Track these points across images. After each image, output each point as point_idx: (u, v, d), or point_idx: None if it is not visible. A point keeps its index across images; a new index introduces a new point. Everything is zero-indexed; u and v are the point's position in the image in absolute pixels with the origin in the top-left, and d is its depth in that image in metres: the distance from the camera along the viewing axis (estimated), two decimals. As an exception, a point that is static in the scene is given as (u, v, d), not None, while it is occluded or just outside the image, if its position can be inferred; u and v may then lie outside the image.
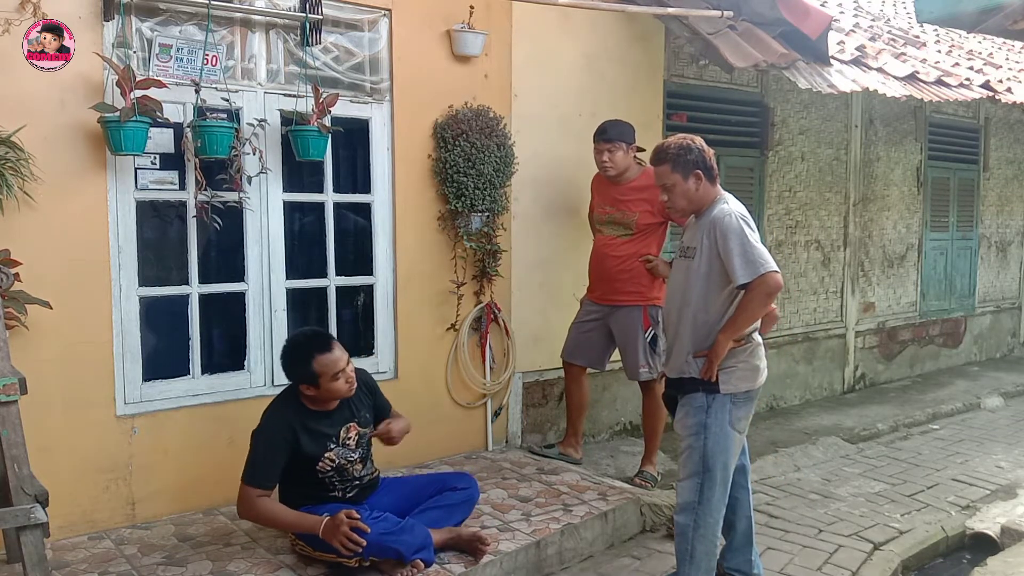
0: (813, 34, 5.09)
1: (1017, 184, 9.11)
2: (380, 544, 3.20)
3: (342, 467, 3.43)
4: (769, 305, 3.25)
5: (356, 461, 3.48)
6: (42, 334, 3.47)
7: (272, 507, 3.31)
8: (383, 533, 3.22)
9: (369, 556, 3.22)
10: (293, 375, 3.37)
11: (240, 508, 3.31)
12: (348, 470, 3.45)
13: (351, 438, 3.46)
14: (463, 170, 4.53)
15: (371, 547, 3.19)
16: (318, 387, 3.31)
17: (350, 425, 3.46)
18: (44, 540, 2.89)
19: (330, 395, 3.35)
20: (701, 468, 3.24)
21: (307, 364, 3.28)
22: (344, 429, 3.44)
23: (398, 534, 3.27)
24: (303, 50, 4.13)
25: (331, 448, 3.40)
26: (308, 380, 3.30)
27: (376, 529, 3.21)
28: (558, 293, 5.16)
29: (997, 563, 3.86)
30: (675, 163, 3.27)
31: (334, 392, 3.34)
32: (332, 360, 3.30)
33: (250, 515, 3.31)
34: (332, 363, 3.29)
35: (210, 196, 3.85)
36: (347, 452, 3.44)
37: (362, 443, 3.52)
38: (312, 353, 3.28)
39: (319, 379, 3.29)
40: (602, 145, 4.58)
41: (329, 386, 3.31)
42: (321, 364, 3.28)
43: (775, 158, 6.53)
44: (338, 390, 3.34)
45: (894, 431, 6.25)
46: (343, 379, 3.33)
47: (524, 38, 4.88)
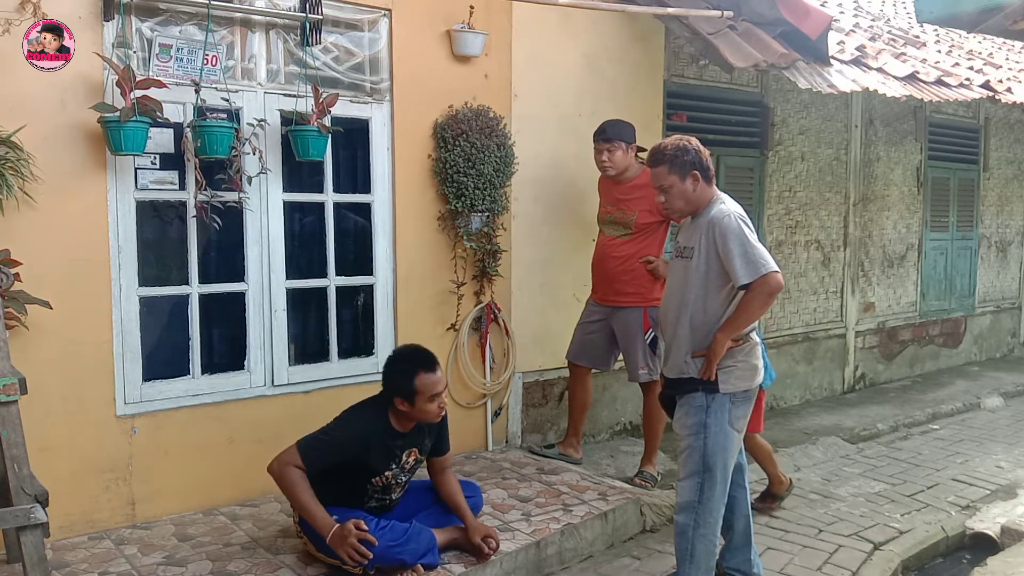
0: (813, 34, 5.09)
1: (1017, 184, 9.11)
2: (385, 556, 3.21)
3: (388, 486, 3.44)
4: (770, 305, 3.25)
5: (401, 485, 3.50)
6: (42, 334, 3.47)
7: (300, 483, 3.22)
8: (389, 545, 3.22)
9: (374, 566, 3.22)
10: (392, 386, 3.34)
11: (274, 464, 3.26)
12: (391, 490, 3.46)
13: (409, 462, 3.46)
14: (463, 170, 4.53)
15: (376, 558, 3.19)
16: (412, 405, 3.29)
17: (413, 449, 3.46)
18: (44, 540, 2.89)
19: (420, 416, 3.33)
20: (701, 467, 3.24)
21: (410, 379, 3.26)
22: (407, 453, 3.44)
23: (404, 544, 3.27)
24: (303, 50, 4.13)
25: (392, 468, 3.40)
26: (405, 395, 3.28)
27: (383, 541, 3.20)
28: (558, 293, 5.16)
29: (997, 563, 3.86)
30: (672, 164, 3.27)
31: (425, 414, 3.32)
32: (433, 381, 3.28)
33: (278, 474, 3.26)
34: (433, 384, 3.28)
35: (210, 196, 3.85)
36: (401, 474, 3.45)
37: (415, 468, 3.53)
38: (417, 370, 3.28)
39: (416, 397, 3.27)
40: (601, 144, 4.59)
41: (423, 407, 3.29)
42: (423, 383, 3.26)
43: (775, 158, 6.53)
44: (429, 412, 3.32)
45: (894, 431, 6.25)
46: (437, 403, 3.31)
47: (524, 38, 4.88)
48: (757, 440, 4.41)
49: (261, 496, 4.09)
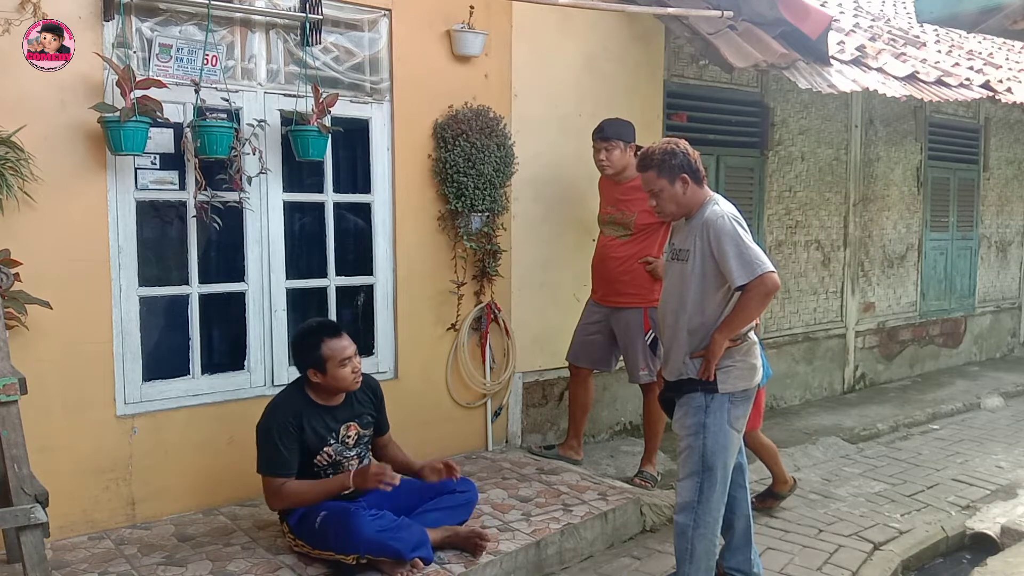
0: (813, 34, 5.09)
1: (1017, 184, 9.11)
2: (377, 541, 3.22)
3: (338, 463, 3.47)
4: (767, 305, 3.25)
5: (352, 459, 3.51)
6: (42, 334, 3.48)
7: (298, 488, 3.37)
8: (380, 530, 3.24)
9: (366, 554, 3.24)
10: (302, 359, 3.43)
11: (269, 500, 3.39)
12: (343, 466, 3.48)
13: (351, 436, 3.50)
14: (463, 170, 4.53)
15: (368, 544, 3.21)
16: (325, 373, 3.36)
17: (351, 424, 3.51)
18: (44, 540, 2.90)
19: (336, 383, 3.39)
20: (700, 467, 3.24)
21: (316, 348, 3.35)
22: (345, 427, 3.49)
23: (395, 531, 3.28)
24: (303, 50, 4.13)
25: (330, 443, 3.44)
26: (316, 365, 3.36)
27: (373, 527, 3.23)
28: (558, 293, 5.16)
29: (997, 563, 3.85)
30: (660, 168, 3.27)
31: (340, 380, 3.38)
32: (341, 346, 3.37)
33: (280, 504, 3.38)
34: (340, 349, 3.36)
35: (210, 196, 3.85)
36: (344, 449, 3.48)
37: (360, 443, 3.55)
38: (322, 337, 3.37)
39: (326, 363, 3.34)
40: (599, 144, 4.59)
41: (336, 372, 3.36)
42: (330, 348, 3.34)
43: (775, 158, 6.53)
44: (344, 378, 3.38)
45: (894, 431, 6.25)
46: (350, 368, 3.38)
47: (524, 38, 4.88)
48: (761, 439, 4.42)
49: (261, 496, 4.06)
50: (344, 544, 3.24)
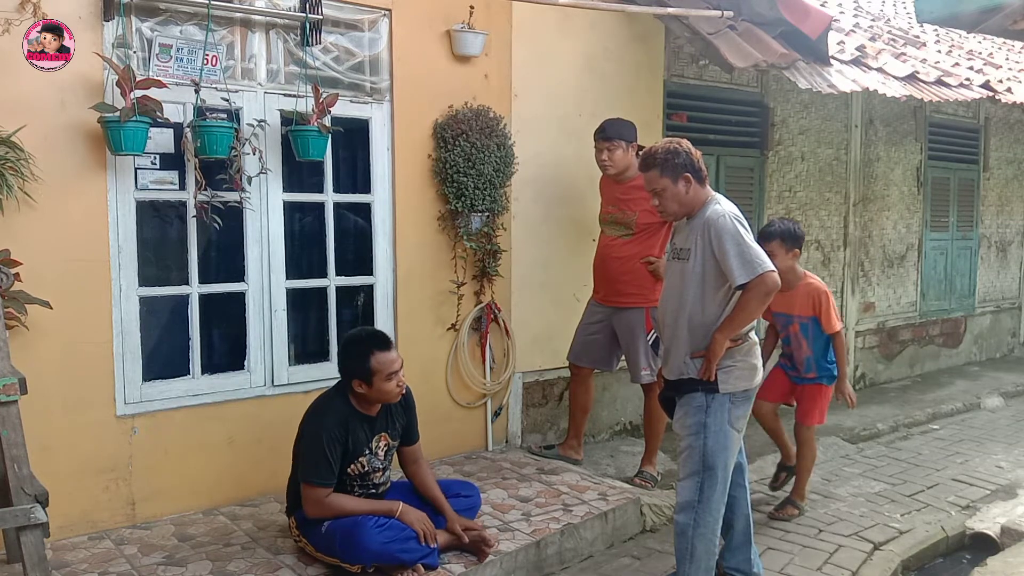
0: (813, 34, 5.09)
1: (1017, 184, 9.11)
2: (383, 554, 3.22)
3: (366, 474, 3.45)
4: (767, 304, 3.25)
5: (380, 470, 3.50)
6: (42, 334, 3.47)
7: (342, 502, 3.33)
8: (387, 542, 3.23)
9: (372, 563, 3.24)
10: (349, 369, 3.38)
11: (310, 509, 3.33)
12: (370, 477, 3.47)
13: (381, 447, 3.48)
14: (463, 170, 4.53)
15: (375, 556, 3.22)
16: (371, 385, 3.32)
17: (383, 434, 3.48)
18: (44, 540, 2.89)
19: (380, 396, 3.36)
20: (701, 467, 3.24)
21: (365, 359, 3.30)
22: (378, 437, 3.46)
23: (402, 542, 3.27)
24: (303, 50, 4.13)
25: (365, 454, 3.42)
26: (362, 376, 3.32)
27: (380, 538, 3.22)
28: (558, 293, 5.16)
29: (997, 563, 3.85)
30: (663, 168, 3.27)
31: (384, 393, 3.35)
32: (389, 360, 3.33)
33: (319, 513, 3.33)
34: (389, 363, 3.32)
35: (210, 196, 3.85)
36: (375, 460, 3.46)
37: (389, 455, 3.54)
38: (372, 349, 3.32)
39: (373, 377, 3.30)
40: (601, 143, 4.58)
41: (381, 386, 3.32)
42: (379, 361, 3.30)
43: (775, 158, 6.53)
44: (388, 392, 3.35)
45: (894, 431, 6.25)
46: (395, 382, 3.34)
47: (524, 38, 4.88)
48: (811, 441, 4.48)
49: (261, 496, 4.09)
50: (350, 555, 3.24)
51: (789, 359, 4.50)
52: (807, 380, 4.41)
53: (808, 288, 4.33)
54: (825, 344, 4.33)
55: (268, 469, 4.09)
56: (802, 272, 4.39)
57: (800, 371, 4.44)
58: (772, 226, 4.31)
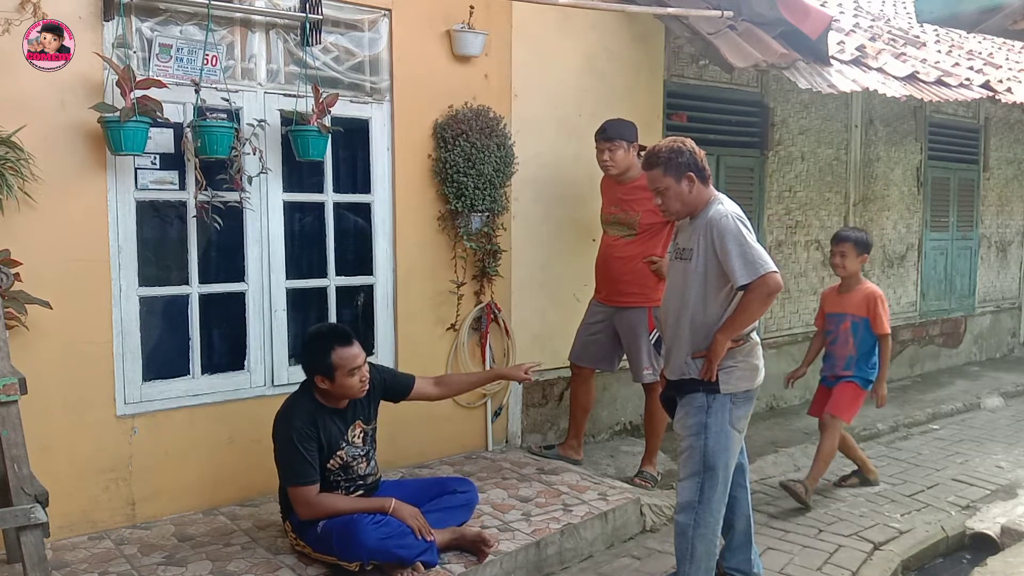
0: (813, 34, 5.09)
1: (1017, 184, 9.11)
2: (380, 550, 3.22)
3: (348, 465, 3.45)
4: (769, 305, 3.25)
5: (361, 459, 3.50)
6: (42, 334, 3.47)
7: (333, 501, 3.34)
8: (384, 538, 3.23)
9: (370, 560, 3.23)
10: (310, 365, 3.38)
11: (301, 511, 3.33)
12: (353, 468, 3.47)
13: (357, 435, 3.50)
14: (463, 170, 4.53)
15: (372, 553, 3.21)
16: (333, 381, 3.33)
17: (356, 422, 3.50)
18: (44, 540, 2.89)
19: (342, 391, 3.36)
20: (702, 467, 3.24)
21: (326, 355, 3.30)
22: (352, 427, 3.48)
23: (399, 538, 3.27)
24: (303, 50, 4.12)
25: (342, 447, 3.43)
26: (324, 372, 3.32)
27: (377, 535, 3.21)
28: (558, 293, 5.16)
29: (997, 563, 3.85)
30: (667, 166, 3.26)
31: (347, 388, 3.35)
32: (351, 355, 3.32)
33: (312, 514, 3.33)
34: (350, 358, 3.32)
35: (210, 196, 3.85)
36: (354, 450, 3.47)
37: (367, 440, 3.54)
38: (332, 345, 3.32)
39: (335, 372, 3.31)
40: (603, 144, 4.58)
41: (343, 381, 3.32)
42: (340, 357, 3.30)
43: (775, 158, 6.53)
44: (351, 387, 3.35)
45: (894, 431, 6.24)
46: (358, 377, 3.35)
47: (524, 38, 4.88)
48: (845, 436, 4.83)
49: (261, 496, 4.09)
50: (348, 552, 3.23)
51: (830, 363, 4.79)
52: (843, 378, 4.69)
53: (865, 291, 4.68)
54: (871, 347, 4.65)
55: (268, 469, 4.05)
56: (861, 277, 4.76)
57: (837, 368, 4.73)
58: (848, 231, 4.80)
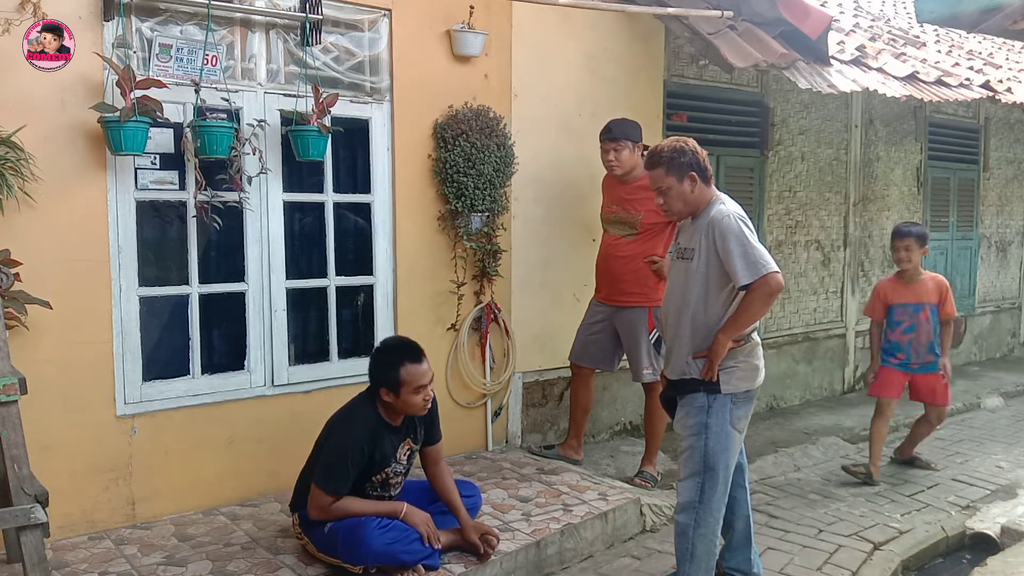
0: (813, 34, 5.09)
1: (1017, 184, 9.11)
2: (387, 554, 3.22)
3: (388, 481, 3.45)
4: (770, 305, 3.25)
5: (401, 476, 3.50)
6: (42, 334, 3.47)
7: (346, 505, 3.31)
8: (390, 543, 3.22)
9: (375, 564, 3.23)
10: (378, 376, 3.36)
11: (313, 512, 3.32)
12: (391, 484, 3.47)
13: (404, 454, 3.47)
14: (463, 170, 4.53)
15: (377, 557, 3.21)
16: (398, 396, 3.30)
17: (407, 441, 3.47)
18: (44, 540, 2.89)
19: (406, 407, 3.34)
20: (702, 468, 3.24)
21: (395, 369, 3.28)
22: (403, 445, 3.45)
23: (405, 543, 3.27)
24: (303, 50, 4.12)
25: (390, 464, 3.41)
26: (390, 385, 3.29)
27: (382, 540, 3.21)
28: (558, 293, 5.16)
29: (997, 563, 3.85)
30: (669, 166, 3.26)
31: (410, 405, 3.32)
32: (419, 372, 3.30)
33: (322, 516, 3.32)
34: (419, 375, 3.29)
35: (210, 196, 3.85)
36: (398, 467, 3.46)
37: (410, 460, 3.53)
38: (403, 360, 3.29)
39: (401, 388, 3.28)
40: (608, 144, 4.58)
41: (408, 398, 3.30)
42: (408, 373, 3.27)
43: (775, 158, 6.53)
44: (414, 404, 3.32)
45: (894, 431, 6.22)
46: (422, 396, 3.32)
47: (524, 38, 4.88)
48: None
49: (261, 496, 4.09)
50: (353, 556, 3.23)
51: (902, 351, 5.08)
52: (927, 366, 5.07)
53: (934, 279, 5.13)
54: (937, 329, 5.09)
55: (268, 469, 4.09)
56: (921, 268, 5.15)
57: (918, 357, 5.07)
58: (910, 226, 5.16)
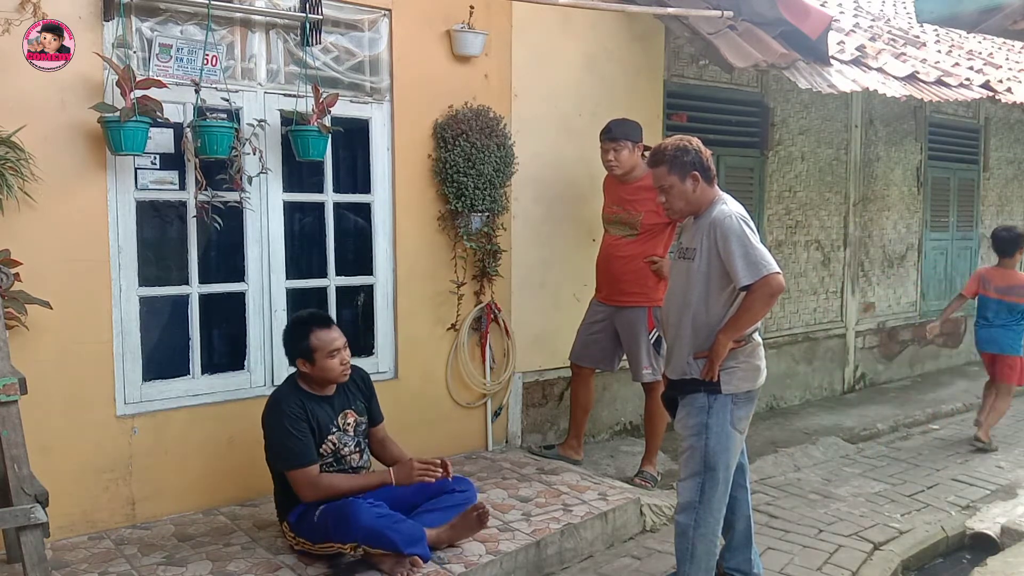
0: (813, 34, 5.09)
1: (1017, 184, 9.11)
2: (376, 528, 3.22)
3: (340, 454, 3.50)
4: (771, 306, 3.25)
5: (353, 449, 3.55)
6: (42, 334, 3.47)
7: (335, 481, 3.40)
8: (379, 517, 3.24)
9: (365, 542, 3.23)
10: (292, 349, 3.49)
11: (306, 493, 3.36)
12: (346, 458, 3.51)
13: (349, 424, 3.55)
14: (463, 170, 4.53)
15: (367, 531, 3.21)
16: (313, 363, 3.41)
17: (348, 411, 3.56)
18: (44, 540, 2.90)
19: (324, 374, 3.43)
20: (702, 468, 3.24)
21: (305, 338, 3.41)
22: (342, 415, 3.54)
23: (392, 520, 3.28)
24: (303, 50, 4.12)
25: (332, 432, 3.48)
26: (304, 355, 3.42)
27: (372, 513, 3.23)
28: (558, 293, 5.16)
29: (997, 563, 3.85)
30: (672, 164, 3.27)
31: (328, 370, 3.43)
32: (330, 337, 3.43)
33: (316, 495, 3.36)
34: (329, 340, 3.42)
35: (210, 196, 3.85)
36: (346, 438, 3.53)
37: (359, 431, 3.60)
38: (311, 327, 3.43)
39: (315, 354, 3.40)
40: (607, 144, 4.58)
41: (324, 363, 3.41)
42: (319, 338, 3.40)
43: (775, 158, 6.53)
44: (332, 369, 3.43)
45: (894, 431, 6.25)
46: (338, 359, 3.43)
47: (524, 38, 4.88)
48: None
49: (261, 496, 4.08)
50: (344, 532, 3.24)
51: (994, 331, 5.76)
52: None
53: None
54: None
55: (268, 469, 4.08)
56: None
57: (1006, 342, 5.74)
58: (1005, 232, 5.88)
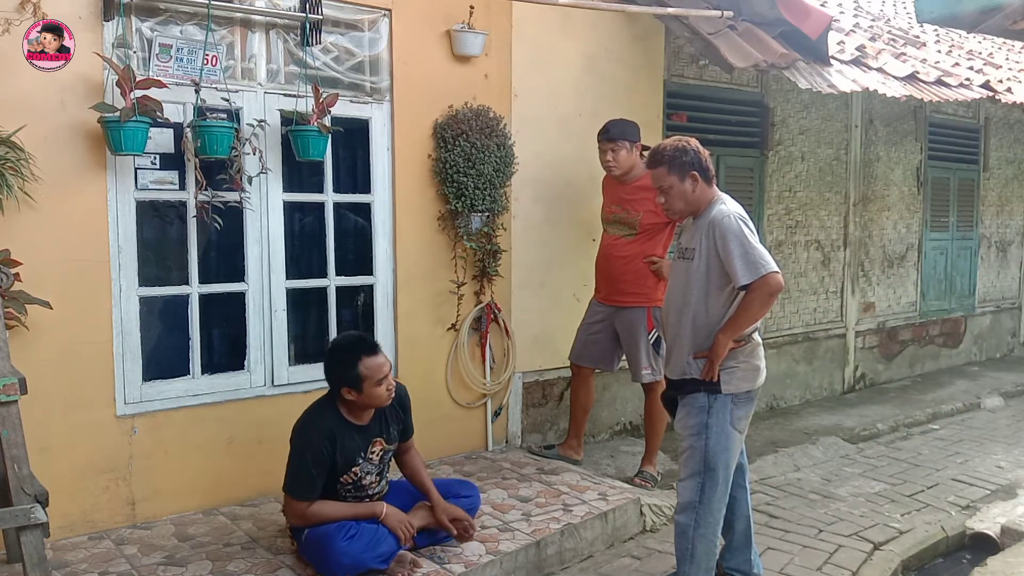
0: (813, 34, 5.09)
1: (1017, 184, 9.11)
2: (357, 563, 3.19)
3: (361, 483, 3.42)
4: (770, 305, 3.25)
5: (374, 476, 3.47)
6: (42, 334, 3.47)
7: (323, 509, 3.30)
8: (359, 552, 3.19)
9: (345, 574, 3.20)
10: (337, 377, 3.31)
11: (290, 519, 3.34)
12: (365, 485, 3.44)
13: (375, 453, 3.44)
14: (463, 170, 4.53)
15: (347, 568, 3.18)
16: (360, 392, 3.27)
17: (378, 440, 3.44)
18: (44, 540, 2.89)
19: (370, 402, 3.31)
20: (702, 468, 3.24)
21: (353, 366, 3.24)
22: (372, 444, 3.42)
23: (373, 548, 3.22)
24: (303, 50, 4.13)
25: (358, 463, 3.38)
26: (351, 383, 3.26)
27: (351, 549, 3.18)
28: (558, 293, 5.16)
29: (997, 563, 3.86)
30: (671, 165, 3.27)
31: (375, 398, 3.30)
32: (378, 364, 3.27)
33: (300, 523, 3.32)
34: (378, 367, 3.27)
35: (210, 196, 3.85)
36: (369, 466, 3.43)
37: (384, 460, 3.50)
38: (360, 355, 3.26)
39: (363, 383, 3.25)
40: (605, 144, 4.58)
41: (372, 391, 3.27)
42: (367, 367, 3.25)
43: (775, 158, 6.53)
44: (379, 396, 3.30)
45: (894, 431, 6.25)
46: (385, 386, 3.30)
47: (524, 38, 4.88)
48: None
49: (261, 496, 4.09)
50: (324, 567, 3.22)
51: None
52: None
53: None
54: None
55: (268, 469, 4.07)
56: None
57: None
58: None
